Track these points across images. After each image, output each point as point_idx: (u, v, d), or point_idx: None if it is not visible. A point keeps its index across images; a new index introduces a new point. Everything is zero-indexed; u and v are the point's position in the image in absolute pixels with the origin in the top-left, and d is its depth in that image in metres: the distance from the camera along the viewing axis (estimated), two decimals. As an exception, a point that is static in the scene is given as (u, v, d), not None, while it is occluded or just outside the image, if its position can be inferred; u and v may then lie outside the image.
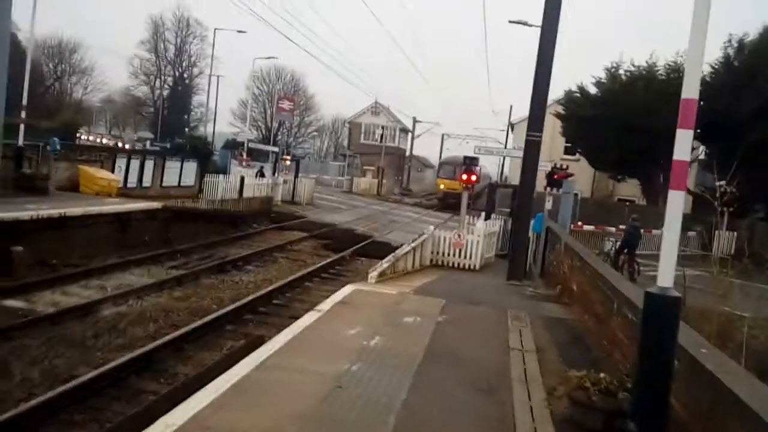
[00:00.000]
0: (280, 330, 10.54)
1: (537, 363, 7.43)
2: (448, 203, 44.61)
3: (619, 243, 22.30)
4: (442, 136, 57.28)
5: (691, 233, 30.24)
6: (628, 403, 5.01)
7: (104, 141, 63.85)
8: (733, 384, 4.09)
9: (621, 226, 26.21)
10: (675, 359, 4.50)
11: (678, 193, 4.25)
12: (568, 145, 38.90)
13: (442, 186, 49.01)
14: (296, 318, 11.18)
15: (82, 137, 55.76)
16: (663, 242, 4.34)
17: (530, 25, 20.64)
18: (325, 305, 9.00)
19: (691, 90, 4.21)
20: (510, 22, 23.72)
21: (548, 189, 21.19)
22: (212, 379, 5.86)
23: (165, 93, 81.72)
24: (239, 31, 44.00)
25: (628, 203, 36.31)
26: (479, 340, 8.17)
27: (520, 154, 16.40)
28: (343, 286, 11.58)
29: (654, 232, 26.48)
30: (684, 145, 4.24)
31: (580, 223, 29.37)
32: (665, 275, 4.28)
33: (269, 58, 49.82)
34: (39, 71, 67.81)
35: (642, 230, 21.92)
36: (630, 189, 38.30)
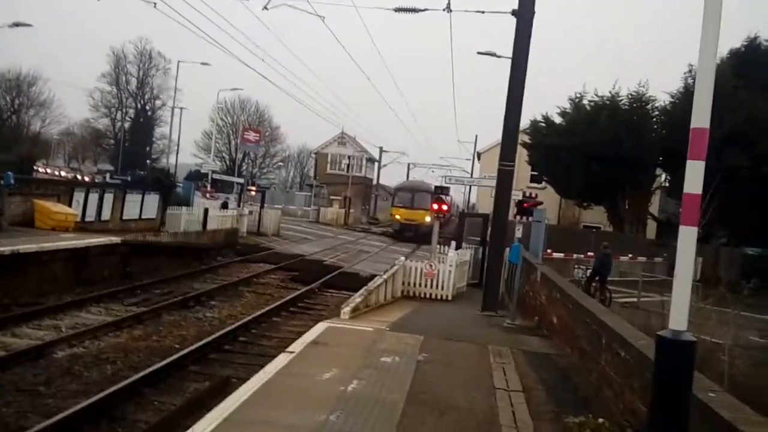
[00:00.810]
0: (246, 369, 10.01)
1: (526, 405, 7.00)
2: (404, 236, 41.13)
3: (590, 271, 22.23)
4: (408, 165, 57.34)
5: (657, 259, 30.55)
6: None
7: (63, 174, 62.21)
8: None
9: (589, 253, 26.25)
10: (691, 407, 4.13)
11: (690, 229, 3.93)
12: (534, 173, 39.17)
13: (397, 216, 44.19)
14: (264, 356, 10.66)
15: (40, 170, 54.25)
16: (675, 282, 3.99)
17: (499, 56, 20.67)
18: (297, 346, 8.45)
19: (701, 119, 3.92)
20: (479, 53, 23.79)
21: (518, 217, 21.01)
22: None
23: (126, 125, 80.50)
24: (203, 63, 43.39)
25: (594, 230, 36.59)
26: (463, 381, 7.71)
27: (492, 183, 16.23)
28: (312, 320, 11.08)
29: (621, 258, 26.56)
30: (695, 177, 3.92)
31: (549, 251, 29.36)
32: (678, 318, 3.92)
33: (234, 89, 49.28)
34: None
35: (612, 257, 21.87)
36: (596, 215, 38.67)
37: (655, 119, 32.35)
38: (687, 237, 3.90)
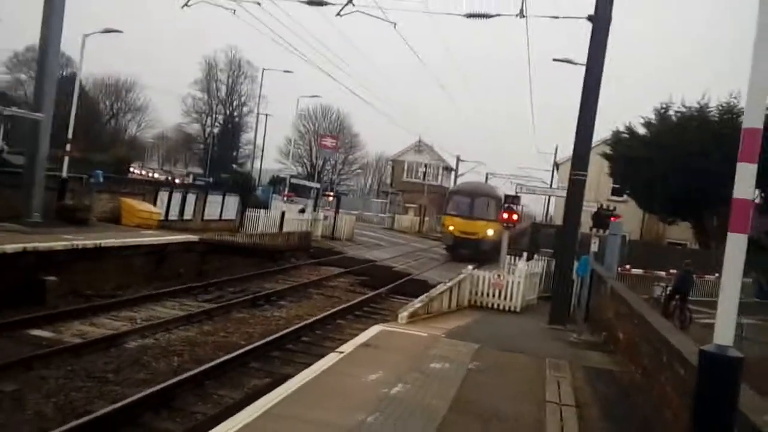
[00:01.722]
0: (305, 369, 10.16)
1: (576, 421, 6.73)
2: (459, 253, 31.81)
3: (670, 289, 21.19)
4: (486, 175, 56.55)
5: (746, 280, 28.73)
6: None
7: (155, 175, 65.47)
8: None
9: (672, 271, 25.03)
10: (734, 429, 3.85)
11: (739, 237, 3.67)
12: (616, 186, 37.79)
13: (450, 227, 33.33)
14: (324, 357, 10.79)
15: (135, 171, 57.35)
16: (721, 293, 3.74)
17: (575, 64, 20.12)
18: (347, 347, 8.49)
19: (754, 118, 3.67)
20: (554, 60, 23.24)
21: (594, 230, 20.32)
22: (216, 425, 5.40)
23: (215, 130, 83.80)
24: (286, 71, 44.58)
25: (679, 246, 34.91)
26: (513, 392, 7.50)
27: (564, 193, 15.76)
28: (375, 324, 11.08)
29: (707, 277, 25.16)
30: (746, 180, 3.68)
31: (627, 267, 28.20)
32: (724, 331, 3.67)
33: (313, 96, 50.38)
34: (96, 109, 70.67)
35: (695, 275, 20.76)
36: (681, 232, 36.85)
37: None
38: (736, 245, 3.66)
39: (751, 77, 3.68)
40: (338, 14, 14.52)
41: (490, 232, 31.34)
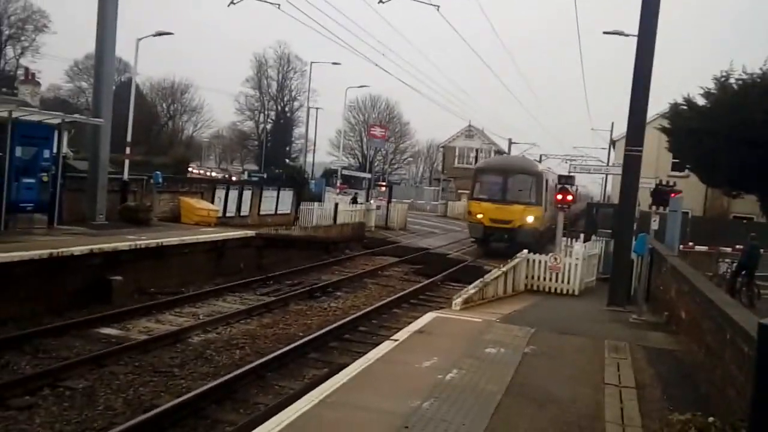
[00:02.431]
0: (363, 358, 10.29)
1: (636, 402, 6.60)
2: (490, 247, 26.66)
3: (735, 264, 20.42)
4: (540, 156, 55.62)
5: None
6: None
7: (213, 174, 67.07)
8: None
9: (738, 246, 24.08)
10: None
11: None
12: (676, 160, 36.51)
13: (479, 215, 26.66)
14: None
15: (194, 171, 58.91)
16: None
17: (626, 35, 19.50)
18: (402, 334, 8.55)
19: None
20: (605, 33, 22.62)
21: (654, 207, 19.76)
22: (274, 414, 5.54)
23: (268, 127, 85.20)
24: (334, 63, 44.81)
25: (745, 221, 33.52)
26: (570, 375, 7.41)
27: (619, 170, 15.36)
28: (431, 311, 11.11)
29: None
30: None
31: (691, 244, 27.30)
32: (782, 305, 3.52)
33: (361, 86, 50.49)
34: (154, 111, 72.88)
35: (761, 250, 19.92)
36: (747, 206, 35.34)
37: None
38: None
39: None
40: (380, 1, 14.48)
41: (530, 219, 25.18)
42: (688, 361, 8.60)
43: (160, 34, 23.82)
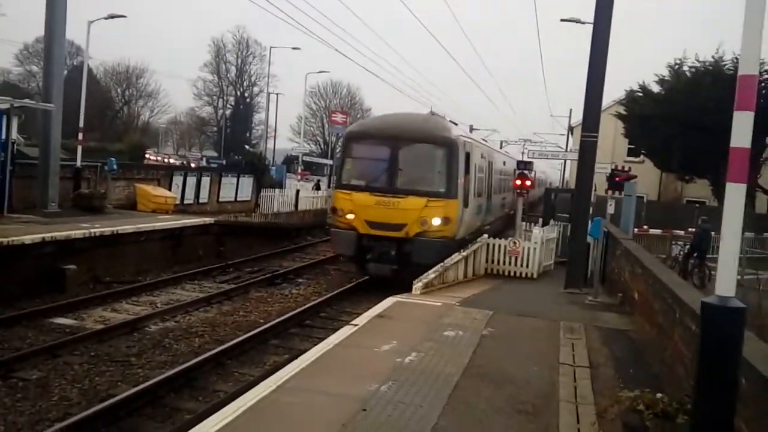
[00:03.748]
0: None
1: (589, 381, 6.76)
2: (368, 270, 15.80)
3: (688, 247, 21.04)
4: (501, 143, 56.08)
5: (767, 234, 28.39)
6: (687, 429, 4.35)
7: (171, 160, 65.84)
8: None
9: (690, 229, 24.83)
10: (740, 378, 3.85)
11: (737, 186, 3.62)
12: (632, 146, 37.33)
13: (349, 215, 15.77)
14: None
15: (151, 158, 57.68)
16: (721, 244, 3.71)
17: (583, 23, 19.76)
18: (362, 319, 8.57)
19: (749, 65, 3.59)
20: (562, 20, 22.85)
21: (610, 192, 20.18)
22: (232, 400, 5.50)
23: (227, 112, 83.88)
24: (294, 48, 44.29)
25: (698, 205, 34.51)
26: (526, 356, 7.54)
27: (576, 156, 15.62)
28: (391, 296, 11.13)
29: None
30: (743, 129, 3.61)
31: (645, 227, 28.02)
32: (725, 283, 3.65)
33: (321, 72, 50.16)
34: (108, 96, 70.99)
35: (713, 233, 20.55)
36: (700, 190, 36.39)
37: (764, 83, 29.88)
38: (734, 194, 3.61)
39: (745, 23, 3.59)
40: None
41: (437, 222, 15.07)
42: (640, 341, 8.83)
43: (112, 16, 23.17)
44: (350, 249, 15.81)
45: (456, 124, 18.74)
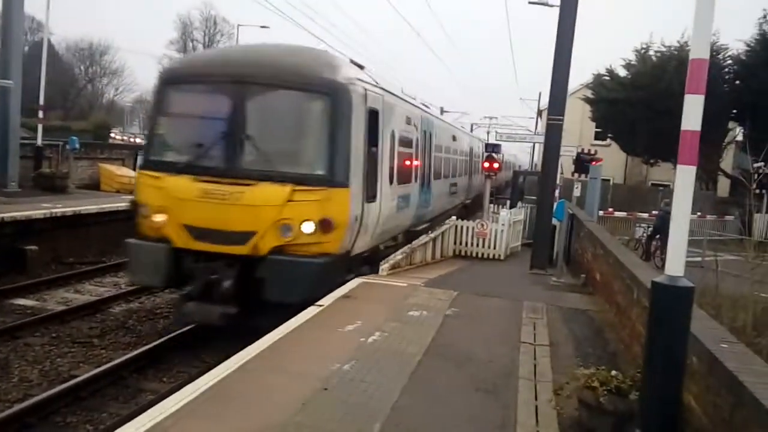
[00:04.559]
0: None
1: (549, 359, 6.90)
2: (186, 313, 9.21)
3: (651, 229, 21.50)
4: (471, 125, 56.26)
5: (728, 217, 29.13)
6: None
7: (137, 140, 64.70)
8: (756, 387, 3.55)
9: (654, 212, 25.33)
10: (688, 356, 3.97)
11: (687, 169, 3.72)
12: (598, 130, 37.79)
13: (158, 216, 9.38)
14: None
15: (116, 137, 56.52)
16: (672, 225, 3.81)
17: (550, 5, 19.84)
18: (327, 300, 8.58)
19: (699, 50, 3.67)
20: (530, 2, 22.91)
21: (576, 175, 20.47)
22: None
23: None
24: (262, 27, 43.65)
25: (662, 188, 35.16)
26: (488, 335, 7.66)
27: (542, 139, 15.76)
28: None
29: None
30: (694, 112, 3.69)
31: (611, 210, 28.50)
32: (674, 262, 3.75)
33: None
34: (71, 74, 69.17)
35: (675, 215, 21.01)
36: (664, 173, 37.06)
37: (727, 69, 30.47)
38: (685, 176, 3.71)
39: (696, 8, 3.66)
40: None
41: (309, 228, 9.07)
42: (600, 320, 9.03)
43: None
44: (157, 275, 9.57)
45: (361, 67, 11.29)
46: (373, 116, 10.61)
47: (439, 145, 18.14)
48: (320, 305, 8.26)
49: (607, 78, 33.81)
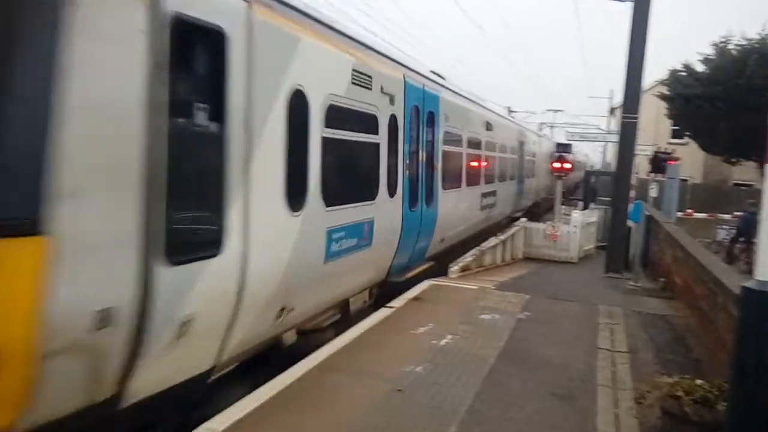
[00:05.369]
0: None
1: (628, 366, 6.69)
2: None
3: (734, 231, 20.52)
4: (540, 125, 55.27)
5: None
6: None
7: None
8: None
9: (737, 213, 24.15)
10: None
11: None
12: (675, 127, 36.36)
13: None
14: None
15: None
16: (761, 227, 3.62)
17: (624, 0, 19.22)
18: (398, 302, 8.63)
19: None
20: (604, -3, 22.22)
21: (652, 175, 19.80)
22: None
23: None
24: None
25: (744, 188, 33.48)
26: (562, 340, 7.50)
27: (617, 138, 15.31)
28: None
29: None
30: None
31: (690, 211, 27.38)
32: (765, 267, 3.56)
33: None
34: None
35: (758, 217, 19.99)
36: (747, 173, 35.28)
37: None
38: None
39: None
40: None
41: None
42: (681, 326, 8.68)
43: None
44: None
45: None
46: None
47: (452, 132, 12.17)
48: (391, 307, 8.32)
49: (684, 74, 32.50)
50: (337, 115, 6.81)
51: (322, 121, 6.49)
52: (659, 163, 19.41)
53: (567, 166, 18.33)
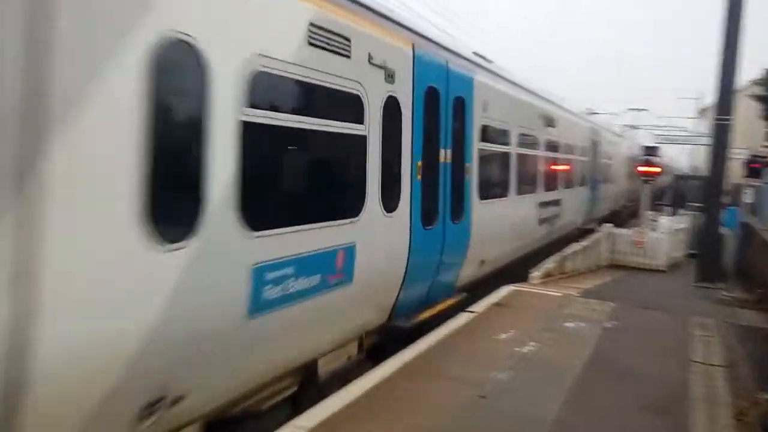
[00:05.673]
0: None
1: (724, 380, 6.35)
2: None
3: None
4: (621, 126, 53.43)
5: None
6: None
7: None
8: None
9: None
10: None
11: None
12: (771, 129, 34.37)
13: None
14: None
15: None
16: None
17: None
18: (479, 307, 8.54)
19: None
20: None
21: (747, 179, 18.82)
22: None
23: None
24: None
25: None
26: (653, 351, 7.20)
27: (707, 141, 14.61)
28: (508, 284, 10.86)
29: None
30: None
31: (789, 218, 25.74)
32: None
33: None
34: None
35: None
36: None
37: None
38: None
39: None
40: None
41: None
42: (782, 340, 8.19)
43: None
44: None
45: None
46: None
47: (493, 126, 9.93)
48: (473, 312, 8.24)
49: (781, 73, 30.69)
50: (272, 90, 4.77)
51: (240, 97, 4.31)
52: (753, 167, 18.41)
53: (656, 170, 17.63)
